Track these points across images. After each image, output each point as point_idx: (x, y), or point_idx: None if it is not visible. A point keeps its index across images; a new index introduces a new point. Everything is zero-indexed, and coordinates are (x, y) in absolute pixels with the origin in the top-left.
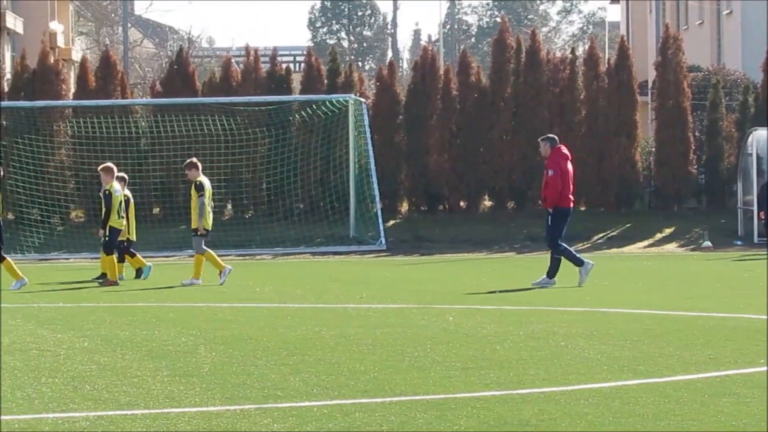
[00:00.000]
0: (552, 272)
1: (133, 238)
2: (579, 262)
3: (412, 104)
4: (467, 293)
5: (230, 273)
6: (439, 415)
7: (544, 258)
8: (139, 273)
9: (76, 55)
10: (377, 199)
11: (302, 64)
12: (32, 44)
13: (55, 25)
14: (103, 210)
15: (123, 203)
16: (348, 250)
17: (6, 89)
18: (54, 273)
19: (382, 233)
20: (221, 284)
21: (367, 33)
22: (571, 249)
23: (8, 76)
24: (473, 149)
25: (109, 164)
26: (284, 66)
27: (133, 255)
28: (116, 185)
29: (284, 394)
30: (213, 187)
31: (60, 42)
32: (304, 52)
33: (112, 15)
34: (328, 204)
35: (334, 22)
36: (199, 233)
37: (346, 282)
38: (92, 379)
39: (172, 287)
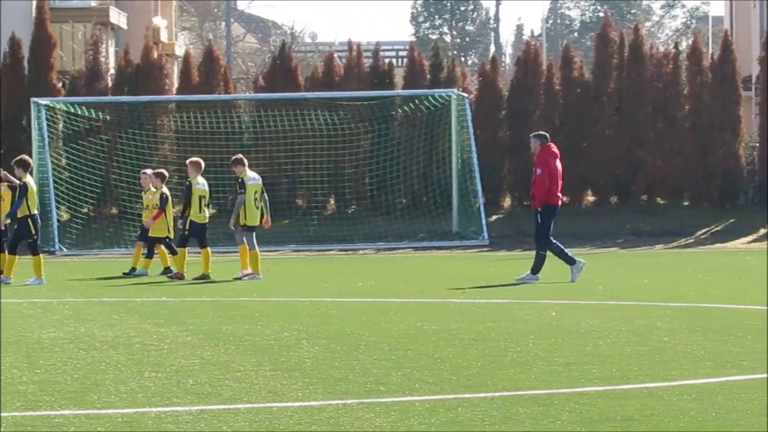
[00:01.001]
0: (536, 268)
1: (172, 235)
2: (571, 261)
3: (514, 99)
4: (569, 288)
5: (257, 279)
6: (541, 410)
7: (647, 253)
8: (167, 270)
9: (180, 50)
10: (480, 193)
11: (405, 59)
12: (136, 39)
13: (159, 21)
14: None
15: (205, 197)
16: (450, 245)
17: (110, 84)
18: (158, 267)
19: (484, 228)
20: (237, 279)
21: (469, 28)
22: (563, 247)
23: (112, 71)
24: (576, 144)
25: (197, 158)
26: (387, 61)
27: (173, 252)
28: (200, 179)
29: (386, 389)
30: (315, 182)
31: (163, 37)
32: (407, 47)
33: (216, 10)
34: (431, 199)
35: (436, 17)
36: (242, 227)
37: (448, 277)
38: (195, 373)
39: (274, 282)
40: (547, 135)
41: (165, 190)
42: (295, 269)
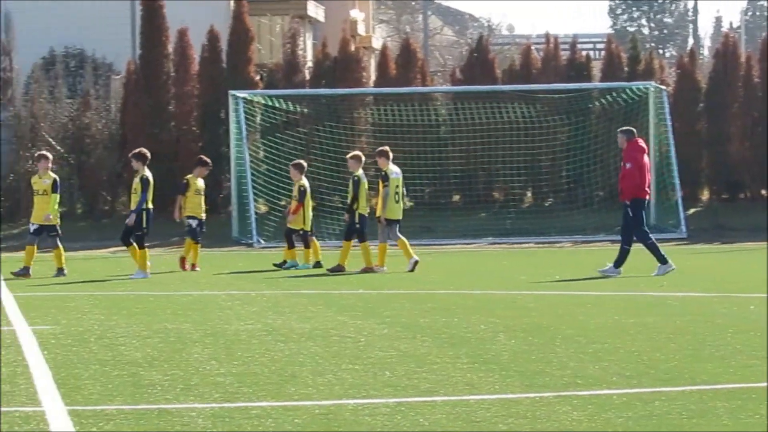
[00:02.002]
0: (660, 258)
1: (308, 228)
2: (663, 260)
3: (713, 92)
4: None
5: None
6: (740, 404)
7: None
8: (283, 264)
9: (377, 43)
10: (678, 187)
11: (602, 52)
12: (333, 32)
13: (356, 13)
14: (350, 196)
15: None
16: None
17: (307, 77)
18: (354, 260)
19: (682, 221)
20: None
21: (667, 20)
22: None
23: (309, 64)
24: None
25: (358, 152)
26: (584, 53)
27: (307, 245)
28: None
29: (583, 382)
30: (512, 175)
31: (360, 30)
32: (605, 40)
33: (413, 3)
34: None
35: (634, 9)
36: (381, 222)
37: (645, 270)
38: (392, 365)
39: (470, 275)
40: (634, 130)
41: (304, 182)
42: (491, 262)
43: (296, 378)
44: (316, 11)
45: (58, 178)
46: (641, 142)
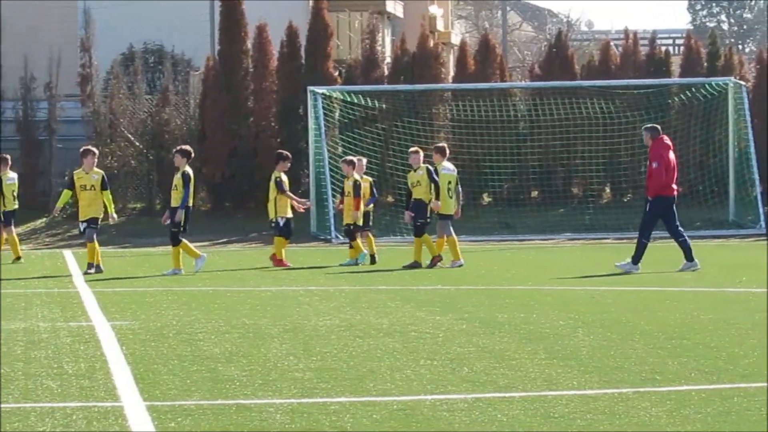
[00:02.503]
0: (688, 255)
1: (360, 223)
2: (690, 258)
3: None
4: None
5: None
6: None
7: None
8: (372, 259)
9: (455, 39)
10: (757, 182)
11: (681, 47)
12: (412, 28)
13: (435, 9)
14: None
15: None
16: (726, 234)
17: (386, 73)
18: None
19: (761, 217)
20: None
21: (747, 16)
22: (690, 243)
23: (388, 59)
24: None
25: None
26: (663, 49)
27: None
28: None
29: (662, 378)
30: (591, 171)
31: (439, 26)
32: (684, 35)
33: None
34: (707, 188)
35: (714, 4)
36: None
37: (725, 266)
38: (470, 361)
39: (548, 270)
40: (659, 128)
41: (357, 177)
42: (569, 258)
43: (374, 373)
44: (394, 7)
45: (104, 174)
46: (666, 140)
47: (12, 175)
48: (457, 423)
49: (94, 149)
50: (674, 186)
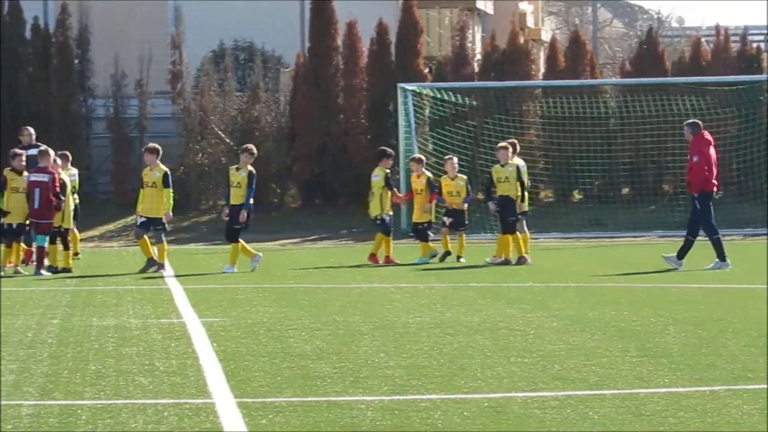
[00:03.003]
0: (721, 255)
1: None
2: (723, 257)
3: None
4: None
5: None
6: None
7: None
8: (458, 258)
9: (546, 36)
10: None
11: None
12: (502, 25)
13: (525, 6)
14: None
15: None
16: None
17: (476, 70)
18: (544, 255)
19: None
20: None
21: None
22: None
23: (478, 56)
24: None
25: (512, 141)
26: (755, 45)
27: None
28: (518, 160)
29: (754, 376)
30: (682, 168)
31: (529, 22)
32: None
33: None
34: None
35: None
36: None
37: None
38: (561, 358)
39: (641, 268)
40: (700, 123)
41: (429, 174)
42: (660, 255)
43: (465, 371)
44: (484, 4)
45: (168, 171)
46: (707, 135)
47: (73, 171)
48: (548, 420)
49: (157, 146)
50: (715, 181)
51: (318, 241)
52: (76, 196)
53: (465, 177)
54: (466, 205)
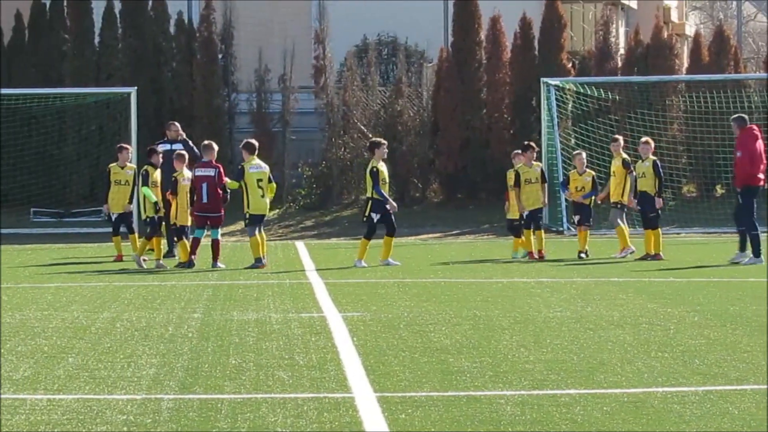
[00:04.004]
0: (756, 251)
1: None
2: (757, 253)
3: None
4: None
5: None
6: None
7: None
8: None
9: (690, 30)
10: None
11: None
12: (646, 19)
13: (669, 0)
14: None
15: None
16: None
17: (619, 64)
18: (686, 249)
19: None
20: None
21: None
22: (761, 239)
23: (622, 51)
24: None
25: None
26: None
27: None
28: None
29: None
30: None
31: (674, 17)
32: None
33: None
34: None
35: None
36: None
37: None
38: (702, 353)
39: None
40: (746, 117)
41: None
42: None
43: (605, 366)
44: None
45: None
46: (755, 130)
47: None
48: (687, 415)
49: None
50: (761, 176)
51: (460, 235)
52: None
53: (593, 173)
54: (588, 200)
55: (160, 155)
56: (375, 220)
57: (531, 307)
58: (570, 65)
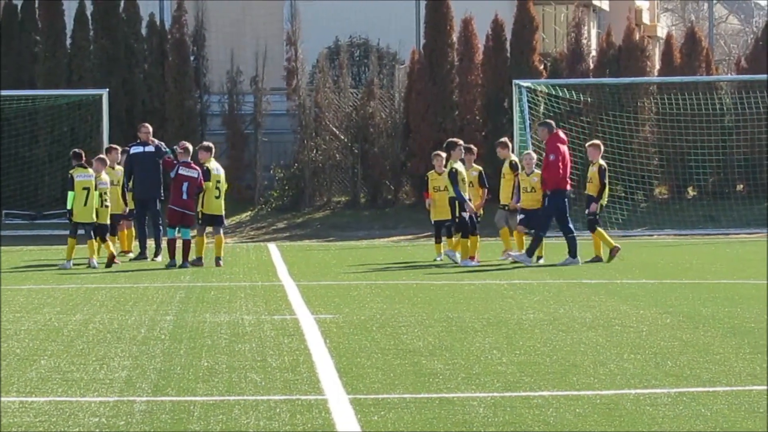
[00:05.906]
0: (572, 252)
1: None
2: (573, 255)
3: None
4: None
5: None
6: None
7: None
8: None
9: (661, 32)
10: None
11: None
12: (618, 21)
13: (641, 2)
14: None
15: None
16: None
17: (591, 66)
18: (658, 251)
19: None
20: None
21: None
22: (577, 241)
23: (594, 52)
24: None
25: (598, 141)
26: None
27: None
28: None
29: None
30: None
31: (645, 19)
32: None
33: None
34: None
35: None
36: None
37: None
38: (674, 355)
39: (755, 265)
40: (553, 123)
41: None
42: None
43: (577, 367)
44: (600, 1)
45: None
46: (561, 134)
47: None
48: (660, 417)
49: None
50: (569, 179)
51: (431, 237)
52: None
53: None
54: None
55: (120, 152)
56: (466, 218)
57: (504, 309)
58: (542, 67)
